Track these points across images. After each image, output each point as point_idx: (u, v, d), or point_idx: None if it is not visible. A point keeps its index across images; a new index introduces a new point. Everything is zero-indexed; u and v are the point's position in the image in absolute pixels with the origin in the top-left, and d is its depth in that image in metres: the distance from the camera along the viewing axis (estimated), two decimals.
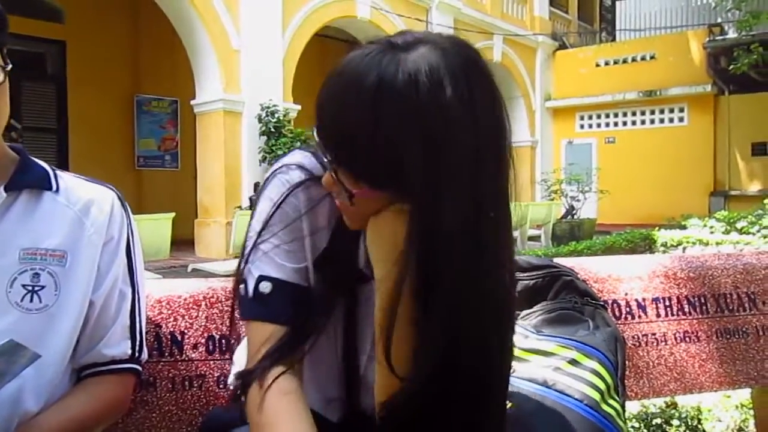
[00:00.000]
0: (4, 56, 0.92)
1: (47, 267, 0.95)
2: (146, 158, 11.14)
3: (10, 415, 0.90)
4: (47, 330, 0.94)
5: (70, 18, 10.02)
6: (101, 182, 1.08)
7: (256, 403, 0.80)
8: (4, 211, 0.95)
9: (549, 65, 15.94)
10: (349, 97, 0.70)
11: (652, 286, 1.46)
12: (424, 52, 0.69)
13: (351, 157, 0.72)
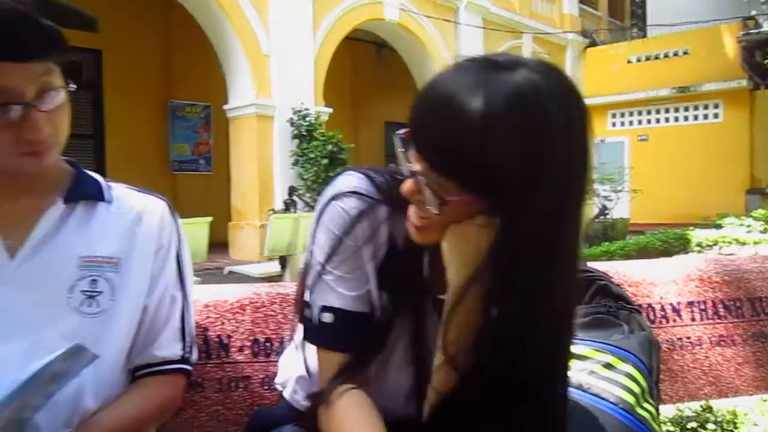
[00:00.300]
0: (65, 76, 0.98)
1: (103, 274, 1.01)
2: (180, 162, 11.34)
3: (71, 413, 0.96)
4: (104, 333, 1.00)
5: (105, 27, 10.24)
6: (151, 192, 1.14)
7: (327, 418, 0.86)
8: (63, 221, 1.01)
9: (579, 63, 15.79)
10: (454, 111, 0.72)
11: (686, 289, 1.47)
12: (526, 74, 0.73)
13: (453, 166, 0.75)
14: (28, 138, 0.91)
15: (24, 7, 0.90)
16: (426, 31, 11.61)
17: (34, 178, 0.99)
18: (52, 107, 0.93)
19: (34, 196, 1.00)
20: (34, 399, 0.87)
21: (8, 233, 0.98)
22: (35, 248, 0.98)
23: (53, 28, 0.93)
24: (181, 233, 1.14)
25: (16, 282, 0.96)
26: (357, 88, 13.87)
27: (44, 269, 0.98)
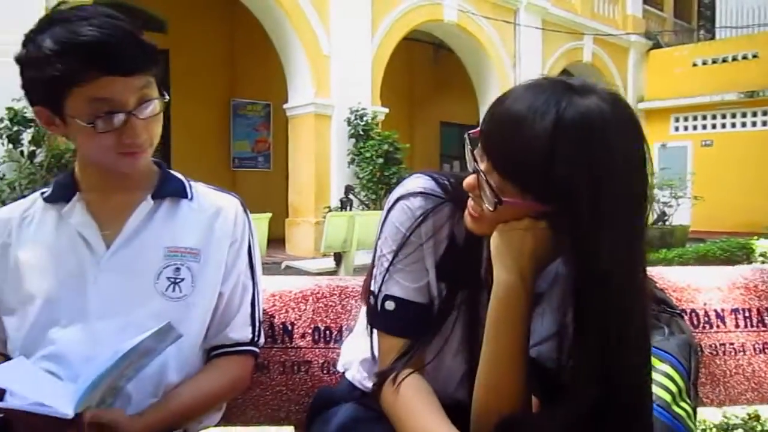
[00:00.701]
0: (160, 88, 1.11)
1: (185, 263, 1.14)
2: (241, 159, 11.69)
3: (157, 385, 1.09)
4: (186, 315, 1.12)
5: (173, 28, 10.67)
6: (226, 191, 1.27)
7: (391, 399, 0.97)
8: (151, 215, 1.15)
9: (642, 65, 15.44)
10: (526, 125, 0.80)
11: (731, 297, 1.51)
12: (595, 101, 0.81)
13: (516, 173, 0.83)
14: (128, 141, 1.05)
15: (127, 25, 1.03)
16: (484, 32, 11.60)
17: (127, 177, 1.13)
18: (149, 115, 1.06)
19: (127, 193, 1.15)
20: (128, 371, 1.01)
21: (105, 225, 1.12)
22: (127, 239, 1.12)
23: (151, 45, 1.06)
24: (253, 229, 1.26)
25: (111, 268, 1.10)
26: (413, 89, 13.95)
27: (135, 257, 1.12)
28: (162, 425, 1.06)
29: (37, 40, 1.01)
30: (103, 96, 1.00)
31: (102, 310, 1.08)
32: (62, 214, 1.13)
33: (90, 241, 1.11)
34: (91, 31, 0.99)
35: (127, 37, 1.02)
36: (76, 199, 1.13)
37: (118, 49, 1.00)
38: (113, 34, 1.00)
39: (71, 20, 1.01)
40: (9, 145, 6.27)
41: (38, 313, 1.08)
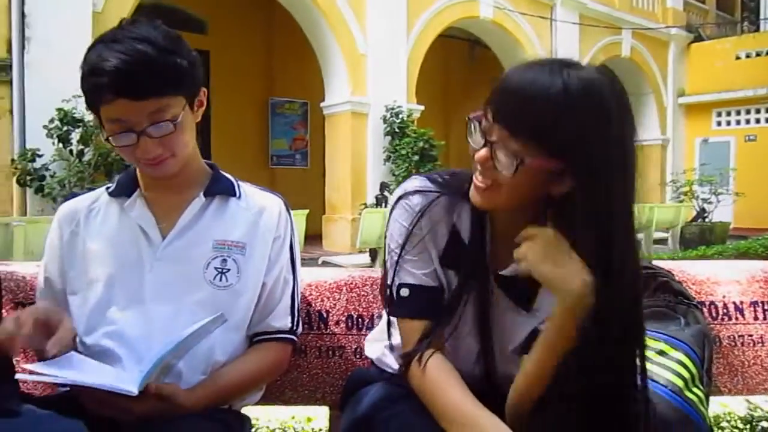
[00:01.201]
0: (192, 105, 1.21)
1: (232, 255, 1.25)
2: (278, 157, 11.90)
3: (206, 363, 1.21)
4: (231, 303, 1.23)
5: (213, 29, 10.93)
6: (271, 190, 1.38)
7: (419, 378, 1.07)
8: (202, 211, 1.27)
9: (682, 59, 15.14)
10: (539, 88, 0.92)
11: (750, 290, 1.55)
12: (593, 71, 0.95)
13: (535, 131, 0.93)
14: (140, 156, 1.16)
15: (151, 49, 1.10)
16: (520, 28, 11.55)
17: (178, 177, 1.25)
18: (162, 134, 1.15)
19: (181, 191, 1.27)
20: (181, 352, 1.12)
21: (161, 219, 1.25)
22: (180, 232, 1.24)
23: (176, 68, 1.14)
24: (294, 226, 1.36)
25: (165, 257, 1.22)
26: (449, 86, 13.97)
27: (186, 248, 1.24)
28: (210, 400, 1.17)
29: (86, 56, 1.14)
30: (117, 117, 1.12)
31: (156, 295, 1.20)
32: (124, 208, 1.26)
33: (148, 233, 1.23)
34: (111, 57, 1.08)
35: (144, 64, 1.09)
36: (137, 195, 1.26)
37: (132, 76, 1.09)
38: (132, 61, 1.08)
39: (105, 42, 1.11)
40: (59, 144, 6.54)
41: (100, 295, 1.21)
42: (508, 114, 0.96)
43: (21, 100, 6.69)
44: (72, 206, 1.30)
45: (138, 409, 1.05)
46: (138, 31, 1.13)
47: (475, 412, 0.99)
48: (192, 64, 1.18)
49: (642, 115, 14.66)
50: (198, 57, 1.22)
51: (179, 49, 1.15)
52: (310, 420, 2.40)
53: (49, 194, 6.50)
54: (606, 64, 6.43)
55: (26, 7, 6.71)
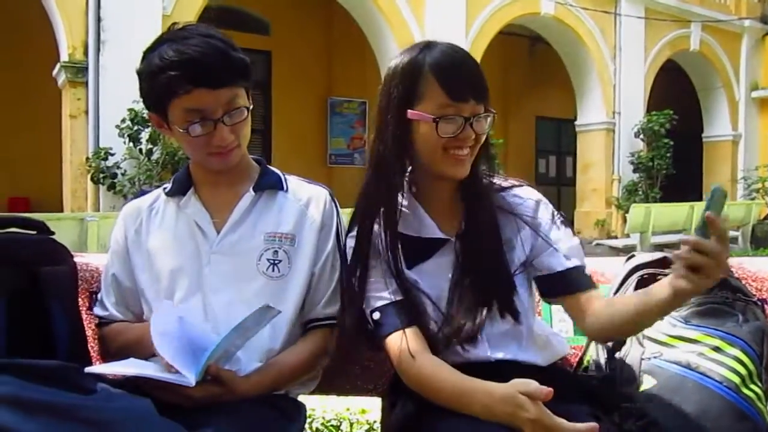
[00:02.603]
0: (249, 97, 1.29)
1: (282, 246, 1.31)
2: (337, 156, 12.04)
3: (261, 351, 1.27)
4: (284, 292, 1.29)
5: (274, 30, 11.16)
6: (316, 182, 1.43)
7: (416, 375, 1.18)
8: (252, 205, 1.33)
9: (757, 51, 14.48)
10: (469, 60, 1.23)
11: None
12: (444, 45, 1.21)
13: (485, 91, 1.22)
14: (216, 143, 1.24)
15: (220, 44, 1.21)
16: (583, 23, 11.32)
17: (230, 173, 1.32)
18: (236, 121, 1.24)
19: (232, 186, 1.34)
20: (237, 340, 1.18)
21: (215, 214, 1.32)
22: (233, 226, 1.31)
23: (241, 60, 1.24)
24: (340, 215, 1.41)
25: (221, 251, 1.29)
26: (508, 83, 13.79)
27: (240, 241, 1.30)
28: (265, 386, 1.23)
29: (149, 57, 1.22)
30: (196, 107, 1.20)
31: (215, 285, 1.28)
32: (180, 206, 1.33)
33: (203, 228, 1.30)
34: (188, 50, 1.17)
35: (218, 55, 1.20)
36: (191, 193, 1.34)
37: (208, 67, 1.18)
38: (206, 52, 1.18)
39: (175, 40, 1.20)
40: (130, 144, 6.85)
41: (166, 287, 1.29)
42: (476, 86, 1.18)
43: (96, 100, 7.05)
44: (135, 206, 1.39)
45: (197, 396, 1.11)
46: (199, 30, 1.22)
47: (473, 384, 1.12)
48: (247, 61, 1.27)
49: (712, 110, 14.12)
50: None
51: (235, 46, 1.25)
52: (365, 412, 2.45)
53: (120, 191, 6.81)
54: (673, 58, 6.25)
55: (102, 11, 7.05)
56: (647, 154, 11.58)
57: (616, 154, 11.83)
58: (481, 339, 1.23)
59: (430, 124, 1.16)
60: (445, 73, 1.17)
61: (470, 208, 1.26)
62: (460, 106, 1.16)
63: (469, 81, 1.19)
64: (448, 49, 1.20)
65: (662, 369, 1.26)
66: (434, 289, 1.25)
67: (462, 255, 1.25)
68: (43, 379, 0.95)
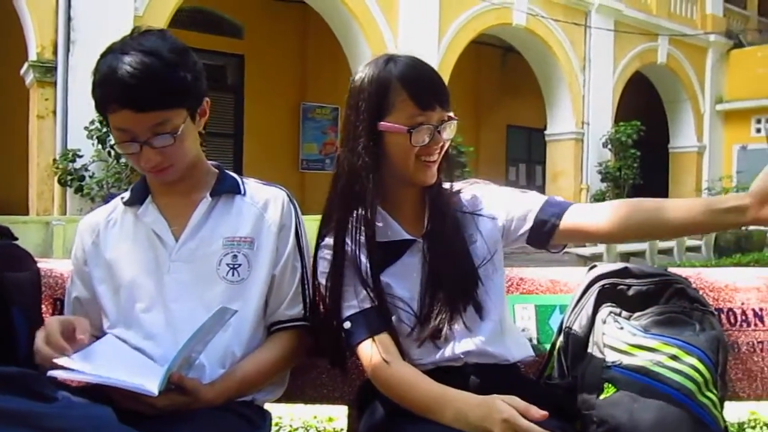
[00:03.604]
0: (196, 116, 1.27)
1: (242, 250, 1.31)
2: (309, 161, 12.02)
3: (224, 357, 1.26)
4: (245, 296, 1.29)
5: (248, 33, 11.11)
6: (274, 184, 1.43)
7: (386, 380, 1.21)
8: (210, 210, 1.33)
9: (721, 66, 14.87)
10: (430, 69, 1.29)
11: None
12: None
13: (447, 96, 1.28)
14: (143, 165, 1.23)
15: (159, 64, 1.16)
16: (554, 35, 11.49)
17: (185, 181, 1.31)
18: (162, 146, 1.21)
19: (188, 193, 1.33)
20: (197, 346, 1.17)
21: (173, 222, 1.31)
22: (192, 232, 1.30)
23: (181, 83, 1.19)
24: (299, 215, 1.41)
25: (180, 258, 1.29)
26: (480, 92, 13.94)
27: (199, 248, 1.30)
28: (231, 392, 1.23)
29: (98, 64, 1.20)
30: (122, 126, 1.19)
31: (175, 294, 1.27)
32: (138, 215, 1.32)
33: (162, 236, 1.30)
34: (120, 68, 1.14)
35: (150, 78, 1.15)
36: (149, 201, 1.33)
37: (135, 89, 1.14)
38: (136, 74, 1.14)
39: (116, 52, 1.17)
40: (98, 146, 6.74)
41: (126, 299, 1.28)
42: (441, 94, 1.24)
43: (64, 101, 6.94)
44: (92, 219, 1.38)
45: (160, 404, 1.11)
46: (147, 42, 1.18)
47: (447, 391, 1.14)
48: (196, 78, 1.23)
49: (678, 122, 14.45)
50: (203, 68, 1.26)
51: (185, 63, 1.21)
52: (332, 420, 2.45)
53: (88, 194, 6.70)
54: (641, 70, 6.43)
55: (72, 10, 6.95)
56: (615, 164, 11.79)
57: (584, 164, 12.02)
58: (451, 334, 1.25)
59: (404, 134, 1.20)
60: (413, 84, 1.21)
61: (434, 208, 1.30)
62: (428, 115, 1.22)
63: (435, 90, 1.24)
64: (411, 61, 1.25)
65: (623, 377, 1.29)
66: (405, 291, 1.27)
67: (429, 254, 1.28)
68: (2, 387, 0.94)
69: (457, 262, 1.27)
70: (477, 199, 1.36)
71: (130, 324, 1.26)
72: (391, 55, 1.27)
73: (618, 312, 1.39)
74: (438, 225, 1.29)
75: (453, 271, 1.27)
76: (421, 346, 1.25)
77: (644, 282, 1.44)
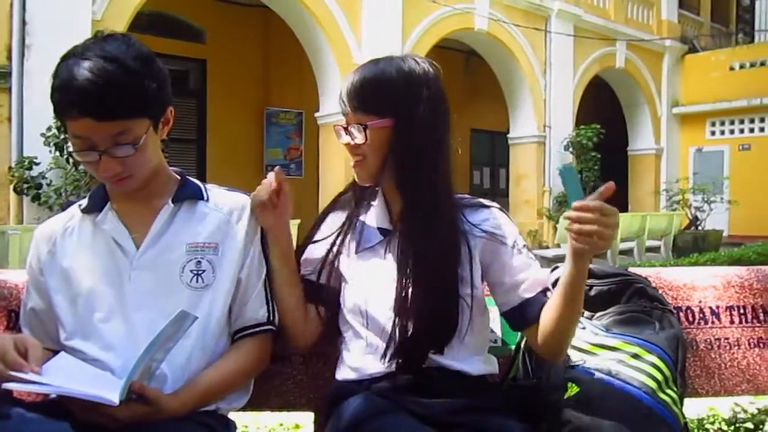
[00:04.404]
0: (158, 125, 1.24)
1: (206, 256, 1.29)
2: (273, 166, 11.85)
3: (185, 365, 1.23)
4: (210, 303, 1.27)
5: (211, 38, 10.99)
6: (237, 189, 1.42)
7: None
8: (172, 217, 1.30)
9: (677, 70, 15.26)
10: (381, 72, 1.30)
11: (726, 295, 1.59)
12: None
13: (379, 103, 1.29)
14: (101, 174, 1.20)
15: (120, 71, 1.12)
16: (515, 40, 11.64)
17: (146, 188, 1.28)
18: (123, 155, 1.18)
19: (150, 200, 1.30)
20: (158, 354, 1.15)
21: (134, 229, 1.28)
22: (153, 239, 1.28)
23: (143, 91, 1.15)
24: None
25: (142, 266, 1.26)
26: None
27: (161, 255, 1.27)
28: (194, 402, 1.21)
29: (57, 68, 1.16)
30: (80, 134, 1.15)
31: (136, 303, 1.24)
32: (97, 223, 1.29)
33: (122, 245, 1.26)
34: (80, 74, 1.10)
35: (111, 86, 1.11)
36: (108, 208, 1.29)
37: (98, 98, 1.11)
38: (97, 81, 1.10)
39: (77, 57, 1.13)
40: (56, 153, 6.57)
41: (85, 309, 1.24)
42: (351, 101, 1.29)
43: (19, 107, 6.74)
44: (48, 227, 1.34)
45: (122, 416, 1.08)
46: (109, 48, 1.14)
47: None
48: (160, 87, 1.19)
49: (636, 125, 14.77)
50: (168, 76, 1.23)
51: (149, 71, 1.17)
52: (298, 427, 2.43)
53: (46, 202, 6.53)
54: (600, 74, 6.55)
55: (27, 14, 6.77)
56: (576, 167, 11.99)
57: (546, 167, 12.19)
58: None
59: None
60: (344, 87, 1.31)
61: (406, 207, 1.31)
62: (347, 116, 1.31)
63: (350, 95, 1.29)
64: (361, 66, 1.33)
65: (586, 376, 1.30)
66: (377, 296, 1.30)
67: (400, 251, 1.30)
68: None
69: (439, 283, 1.27)
70: (487, 223, 1.34)
71: (88, 335, 1.23)
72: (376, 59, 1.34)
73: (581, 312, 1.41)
74: (408, 225, 1.30)
75: (433, 290, 1.26)
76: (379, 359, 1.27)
77: (605, 282, 1.47)
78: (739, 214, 12.72)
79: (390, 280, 1.28)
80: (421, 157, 1.28)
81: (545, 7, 12.07)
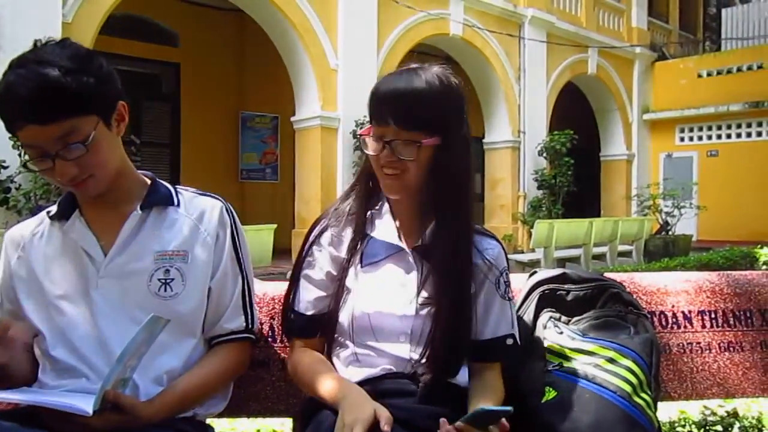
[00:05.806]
0: (110, 122, 1.20)
1: (174, 264, 1.26)
2: (248, 171, 11.85)
3: (162, 372, 1.22)
4: (180, 312, 1.25)
5: (184, 41, 10.89)
6: (211, 194, 1.39)
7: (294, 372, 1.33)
8: (140, 224, 1.28)
9: (647, 77, 15.53)
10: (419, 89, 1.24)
11: (698, 299, 1.63)
12: (438, 69, 1.29)
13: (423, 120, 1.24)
14: (59, 180, 1.17)
15: (55, 72, 1.09)
16: (489, 45, 11.74)
17: (114, 193, 1.26)
18: (76, 156, 1.14)
19: (117, 206, 1.28)
20: (131, 361, 1.13)
21: (102, 236, 1.26)
22: (121, 247, 1.25)
23: (83, 89, 1.12)
24: (238, 225, 1.37)
25: (109, 274, 1.24)
26: None
27: (129, 263, 1.25)
28: (170, 409, 1.19)
29: (0, 81, 1.12)
30: (30, 143, 1.13)
31: (104, 311, 1.22)
32: (64, 230, 1.27)
33: (90, 252, 1.24)
34: (17, 82, 1.08)
35: (45, 89, 1.09)
36: (75, 216, 1.27)
37: (32, 102, 1.09)
38: (31, 86, 1.08)
39: (13, 68, 1.11)
40: (25, 156, 6.43)
41: (54, 316, 1.22)
42: (402, 113, 1.21)
43: None
44: (17, 232, 1.32)
45: (97, 425, 1.06)
46: (42, 53, 1.13)
47: (342, 383, 1.21)
48: (102, 81, 1.16)
49: (608, 131, 15.00)
50: (112, 72, 1.20)
51: (87, 68, 1.14)
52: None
53: (14, 207, 6.39)
54: (573, 81, 6.63)
55: None
56: (550, 172, 12.12)
57: (521, 172, 12.31)
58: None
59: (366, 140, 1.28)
60: (375, 97, 1.25)
61: (435, 226, 1.29)
62: (383, 129, 1.23)
63: (391, 107, 1.22)
64: (395, 76, 1.27)
65: (562, 380, 1.32)
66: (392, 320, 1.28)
67: (423, 266, 1.29)
68: None
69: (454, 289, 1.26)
70: (489, 253, 1.34)
71: (58, 342, 1.21)
72: (409, 67, 1.29)
73: (558, 317, 1.44)
74: (437, 243, 1.28)
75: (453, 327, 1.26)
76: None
77: (582, 287, 1.49)
78: (706, 219, 12.98)
79: (399, 295, 1.28)
80: (460, 175, 1.28)
81: (519, 14, 12.20)
